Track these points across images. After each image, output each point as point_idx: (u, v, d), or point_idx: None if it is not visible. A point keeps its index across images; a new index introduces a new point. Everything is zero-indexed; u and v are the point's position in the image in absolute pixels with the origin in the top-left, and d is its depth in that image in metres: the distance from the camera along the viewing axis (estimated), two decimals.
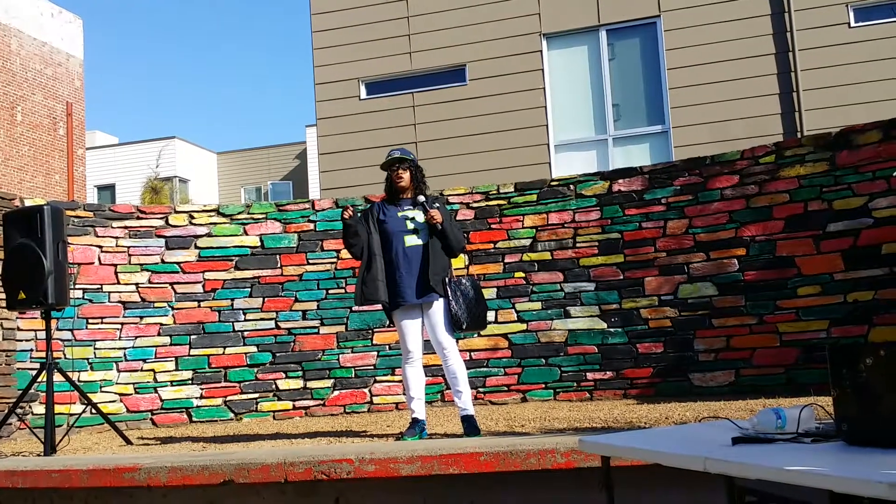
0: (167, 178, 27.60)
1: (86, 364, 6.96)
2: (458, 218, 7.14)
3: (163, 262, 7.27)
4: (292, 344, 7.30)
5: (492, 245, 7.26)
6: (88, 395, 5.94)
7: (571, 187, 7.19)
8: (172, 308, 7.25)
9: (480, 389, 7.03)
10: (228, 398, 7.23)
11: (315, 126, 12.63)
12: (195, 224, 7.37)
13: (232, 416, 7.21)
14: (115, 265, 7.17)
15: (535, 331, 7.10)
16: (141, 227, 7.28)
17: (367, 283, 4.88)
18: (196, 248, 7.34)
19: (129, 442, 5.63)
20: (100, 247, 7.15)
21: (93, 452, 5.26)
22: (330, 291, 7.34)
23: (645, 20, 11.24)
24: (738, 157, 6.75)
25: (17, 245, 5.37)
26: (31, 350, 6.70)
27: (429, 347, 5.07)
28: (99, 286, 7.10)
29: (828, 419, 2.22)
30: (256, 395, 7.25)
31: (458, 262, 5.58)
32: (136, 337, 7.16)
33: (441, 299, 4.86)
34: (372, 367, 7.25)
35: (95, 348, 7.03)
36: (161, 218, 7.34)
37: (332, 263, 7.36)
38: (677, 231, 6.87)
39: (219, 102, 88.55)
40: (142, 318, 7.18)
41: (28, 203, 6.57)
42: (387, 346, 7.23)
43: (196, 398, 7.20)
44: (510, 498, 3.83)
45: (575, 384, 6.98)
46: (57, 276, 5.33)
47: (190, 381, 7.21)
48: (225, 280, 7.33)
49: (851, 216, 6.28)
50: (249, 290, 7.33)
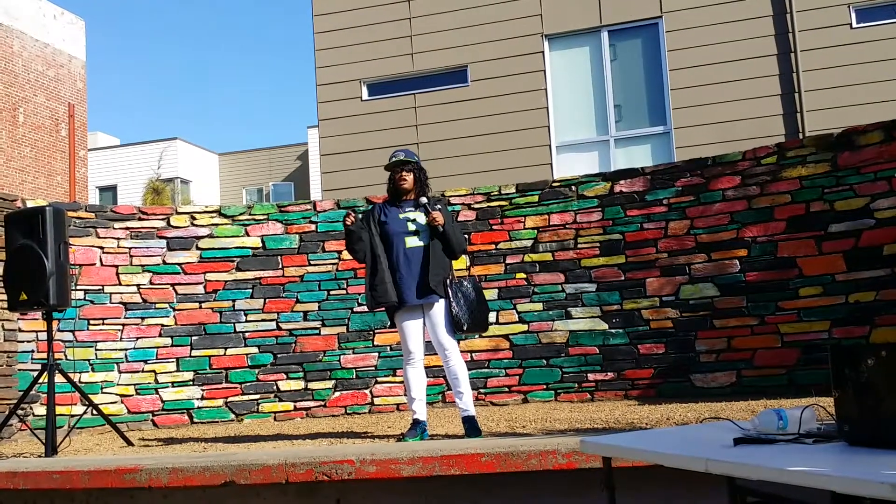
0: (169, 179, 27.62)
1: (87, 365, 6.96)
2: (459, 219, 7.13)
3: (164, 263, 7.28)
4: (293, 345, 7.31)
5: (493, 246, 7.26)
6: (89, 396, 5.95)
7: (573, 188, 7.19)
8: (174, 309, 7.25)
9: (481, 390, 7.03)
10: (229, 399, 7.24)
11: (317, 127, 12.63)
12: (196, 225, 7.37)
13: (233, 417, 7.21)
14: (117, 266, 7.18)
15: (537, 332, 7.09)
16: (142, 228, 7.28)
17: (376, 286, 4.89)
18: (197, 249, 7.34)
19: (129, 443, 5.63)
20: (101, 248, 7.15)
21: (94, 453, 5.26)
22: (331, 292, 7.34)
23: (647, 21, 11.24)
24: (740, 158, 6.75)
25: (18, 246, 5.38)
26: (33, 351, 6.71)
27: (430, 348, 5.07)
28: (100, 287, 7.10)
29: (829, 420, 2.22)
30: (257, 396, 7.25)
31: (460, 264, 5.57)
32: (138, 338, 7.16)
33: (442, 300, 4.86)
34: (373, 368, 7.25)
35: (97, 349, 7.03)
36: (162, 219, 7.35)
37: (333, 264, 7.36)
38: (679, 232, 6.86)
39: (220, 104, 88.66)
40: (143, 319, 7.19)
41: (30, 204, 6.57)
42: (388, 348, 7.23)
43: (197, 399, 7.21)
44: (511, 499, 3.83)
45: (576, 385, 6.97)
46: (58, 277, 5.33)
47: (191, 382, 7.21)
48: (226, 281, 7.33)
49: (853, 217, 6.28)
50: (251, 291, 7.34)
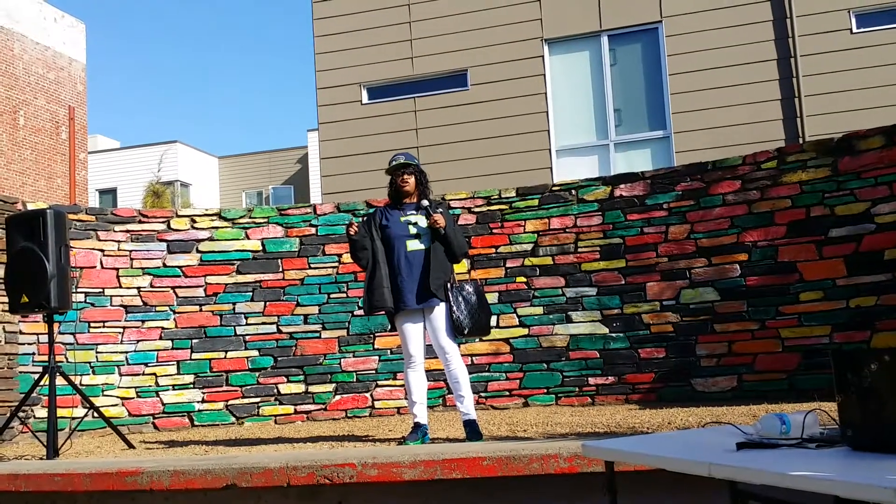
0: (169, 182, 27.63)
1: (88, 368, 6.96)
2: (459, 223, 7.14)
3: (164, 265, 7.28)
4: (294, 348, 7.31)
5: (493, 250, 7.26)
6: (90, 398, 5.94)
7: (573, 192, 7.19)
8: (174, 312, 7.25)
9: (482, 394, 7.02)
10: (230, 402, 7.23)
11: (317, 130, 12.64)
12: (197, 228, 7.37)
13: (233, 420, 7.20)
14: (117, 269, 7.18)
15: (537, 336, 7.09)
16: (143, 230, 7.29)
17: (373, 291, 4.89)
18: (198, 252, 7.35)
19: (131, 446, 5.63)
20: (102, 250, 7.15)
21: (95, 456, 5.26)
22: (332, 296, 7.34)
23: (647, 25, 11.26)
24: (740, 163, 6.75)
25: (19, 249, 5.38)
26: (34, 354, 6.71)
27: (431, 352, 5.07)
28: (101, 290, 7.11)
29: (832, 425, 2.22)
30: (258, 400, 7.25)
31: (461, 267, 5.58)
32: (138, 341, 7.16)
33: (443, 304, 4.87)
34: (373, 372, 7.25)
35: (97, 352, 7.03)
36: (163, 222, 7.35)
37: (333, 268, 7.36)
38: (679, 236, 6.87)
39: (220, 107, 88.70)
40: (143, 321, 7.19)
41: (31, 207, 6.57)
42: (388, 351, 7.23)
43: (198, 402, 7.20)
44: (513, 503, 3.83)
45: (577, 389, 6.97)
46: (59, 279, 5.33)
47: (191, 385, 7.21)
48: (226, 284, 7.33)
49: (854, 222, 6.28)
50: (251, 294, 7.34)
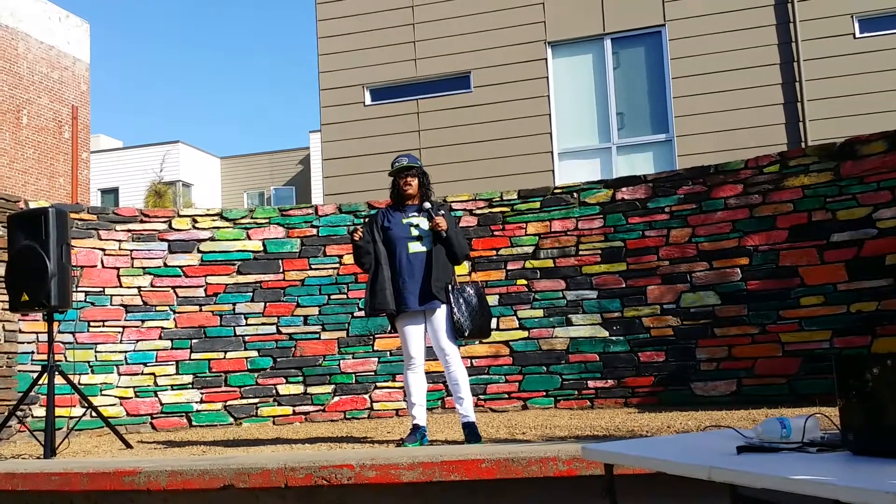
0: (171, 182, 27.64)
1: (86, 367, 6.95)
2: (461, 225, 7.13)
3: (165, 265, 7.27)
4: (293, 349, 7.30)
5: (494, 252, 7.25)
6: (89, 398, 5.93)
7: (575, 195, 7.18)
8: (174, 312, 7.24)
9: (481, 396, 7.01)
10: (228, 403, 7.22)
11: (319, 131, 12.64)
12: (198, 228, 7.37)
13: (232, 420, 7.19)
14: (118, 268, 7.17)
15: (537, 338, 7.08)
16: (144, 230, 7.28)
17: (375, 293, 4.89)
18: (199, 252, 7.34)
19: (129, 445, 5.61)
20: (103, 250, 7.15)
21: (93, 456, 5.25)
22: (332, 297, 7.33)
23: (650, 29, 11.26)
24: (742, 167, 6.74)
25: (21, 247, 5.37)
26: (33, 352, 6.70)
27: (431, 354, 5.06)
28: (101, 289, 7.10)
29: (833, 429, 2.21)
30: (257, 400, 7.24)
31: (462, 269, 5.57)
32: (138, 340, 7.15)
33: (443, 306, 4.86)
34: (373, 374, 7.23)
35: (96, 351, 7.02)
36: (164, 222, 7.35)
37: (334, 269, 7.36)
38: (680, 240, 6.86)
39: (223, 107, 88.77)
40: (143, 321, 7.18)
41: (32, 205, 6.57)
42: (388, 353, 7.21)
43: (196, 402, 7.19)
44: None
45: (576, 392, 6.96)
46: (60, 278, 5.32)
47: (190, 386, 7.20)
48: (227, 284, 7.32)
49: (855, 226, 6.27)
50: (251, 294, 7.33)
